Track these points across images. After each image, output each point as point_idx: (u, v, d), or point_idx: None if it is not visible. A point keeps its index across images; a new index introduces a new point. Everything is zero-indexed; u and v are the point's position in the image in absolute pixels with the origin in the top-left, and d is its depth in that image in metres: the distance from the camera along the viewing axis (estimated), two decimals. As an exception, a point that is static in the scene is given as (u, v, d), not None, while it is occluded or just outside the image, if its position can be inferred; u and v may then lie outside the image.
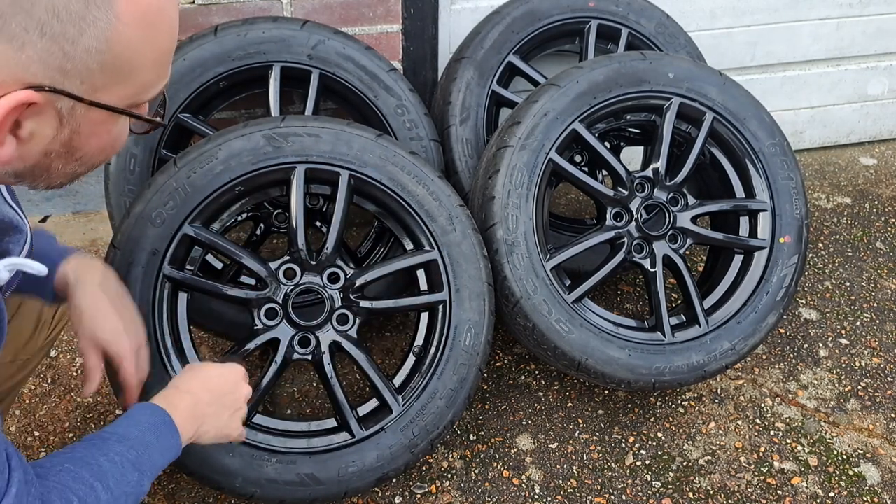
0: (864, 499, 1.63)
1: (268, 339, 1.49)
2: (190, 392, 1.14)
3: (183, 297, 1.51)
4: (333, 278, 1.54)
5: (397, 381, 1.56)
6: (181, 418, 1.09)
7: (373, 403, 1.55)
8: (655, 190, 1.75)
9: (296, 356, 1.51)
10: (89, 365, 1.21)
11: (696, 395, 1.85)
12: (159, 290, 1.45)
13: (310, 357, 1.51)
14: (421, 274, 1.60)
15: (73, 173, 0.85)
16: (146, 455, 1.01)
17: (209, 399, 1.16)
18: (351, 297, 1.53)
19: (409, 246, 1.60)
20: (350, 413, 1.50)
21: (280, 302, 1.50)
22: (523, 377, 1.87)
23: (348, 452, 1.47)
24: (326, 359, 1.50)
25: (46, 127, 0.76)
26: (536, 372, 1.88)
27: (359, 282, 1.53)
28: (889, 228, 2.38)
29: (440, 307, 1.56)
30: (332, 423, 1.52)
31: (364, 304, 1.54)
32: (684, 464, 1.69)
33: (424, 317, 1.60)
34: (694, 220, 1.76)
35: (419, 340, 1.59)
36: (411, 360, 1.58)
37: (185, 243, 1.48)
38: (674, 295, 2.07)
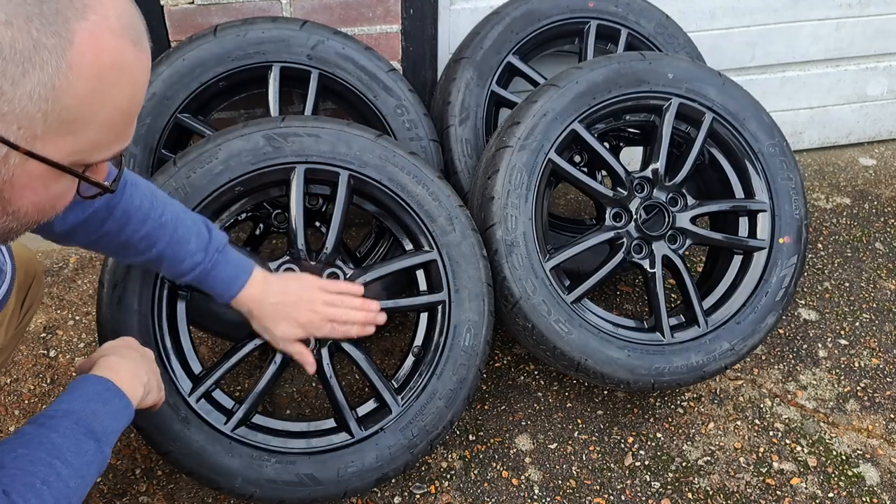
0: (864, 499, 1.63)
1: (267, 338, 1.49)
2: (121, 355, 1.15)
3: (182, 297, 1.51)
4: (333, 278, 1.54)
5: (397, 381, 1.56)
6: (124, 380, 1.09)
7: (372, 404, 1.55)
8: (655, 190, 1.75)
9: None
10: (299, 351, 1.40)
11: (695, 395, 1.85)
12: (159, 290, 1.45)
13: None
14: (420, 274, 1.60)
15: (5, 228, 0.76)
16: (97, 423, 1.00)
17: (139, 358, 1.17)
18: None
19: (409, 246, 1.60)
20: (349, 413, 1.50)
21: None
22: (522, 377, 1.87)
23: (348, 453, 1.47)
24: (325, 359, 1.50)
25: None
26: (536, 372, 1.88)
27: (358, 282, 1.54)
28: (888, 229, 2.39)
29: (439, 307, 1.56)
30: (331, 423, 1.52)
31: None
32: (683, 464, 1.69)
33: (424, 317, 1.60)
34: (693, 220, 1.76)
35: (418, 341, 1.59)
36: (410, 360, 1.58)
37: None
38: (673, 295, 2.07)
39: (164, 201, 1.25)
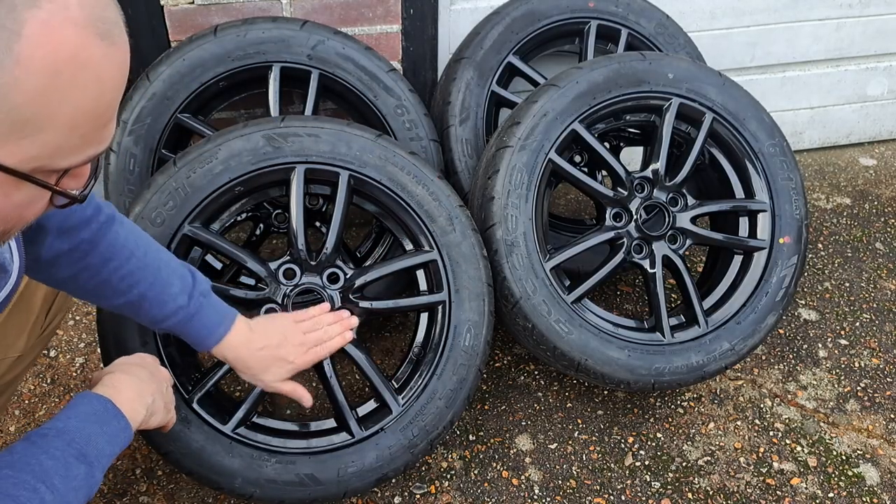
0: (864, 499, 1.63)
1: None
2: (128, 373, 1.10)
3: None
4: (333, 278, 1.54)
5: (397, 381, 1.56)
6: (125, 400, 1.05)
7: (372, 404, 1.55)
8: (655, 190, 1.75)
9: None
10: (291, 388, 1.38)
11: (695, 395, 1.85)
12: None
13: None
14: (420, 274, 1.60)
15: None
16: (91, 446, 0.96)
17: (147, 377, 1.13)
18: (350, 297, 1.53)
19: (409, 246, 1.60)
20: (349, 413, 1.50)
21: (279, 302, 1.50)
22: (523, 377, 1.87)
23: (348, 453, 1.47)
24: (326, 359, 1.50)
25: None
26: (536, 372, 1.88)
27: (358, 282, 1.53)
28: (889, 229, 2.39)
29: (440, 307, 1.56)
30: (331, 423, 1.52)
31: (363, 304, 1.54)
32: (683, 464, 1.69)
33: (424, 317, 1.60)
34: (693, 220, 1.76)
35: (419, 340, 1.59)
36: (411, 360, 1.58)
37: (185, 243, 1.48)
38: (673, 295, 2.07)
39: (149, 242, 1.22)
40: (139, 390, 1.09)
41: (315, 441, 1.48)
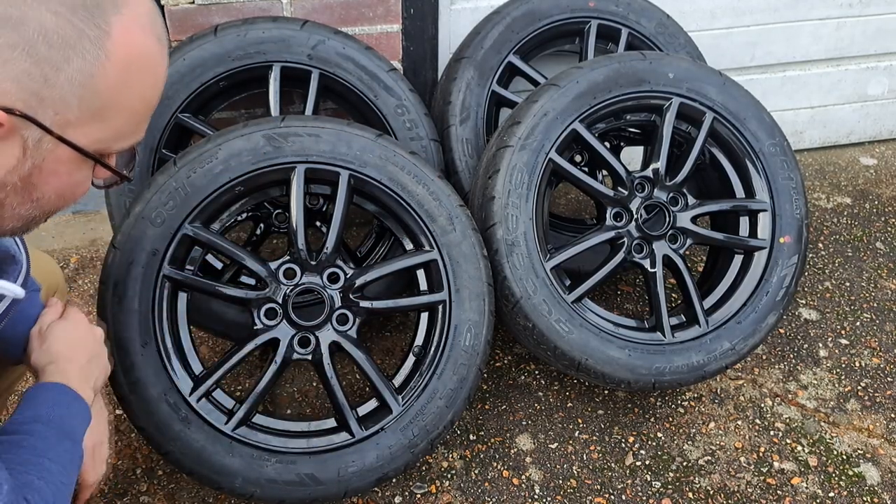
0: (864, 499, 1.63)
1: (268, 339, 1.49)
2: (68, 359, 1.12)
3: (183, 297, 1.51)
4: (333, 278, 1.54)
5: (397, 380, 1.56)
6: (75, 382, 1.08)
7: (373, 403, 1.55)
8: (655, 190, 1.75)
9: (295, 356, 1.51)
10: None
11: (695, 395, 1.85)
12: (159, 290, 1.45)
13: (310, 357, 1.51)
14: (421, 274, 1.60)
15: (28, 216, 0.80)
16: (66, 424, 1.01)
17: (86, 357, 1.14)
18: (351, 297, 1.53)
19: (409, 246, 1.60)
20: (350, 413, 1.50)
21: (280, 302, 1.50)
22: (523, 377, 1.87)
23: (348, 452, 1.47)
24: (326, 359, 1.50)
25: (8, 155, 0.72)
26: (536, 372, 1.88)
27: (359, 282, 1.53)
28: (889, 228, 2.39)
29: (440, 307, 1.56)
30: (331, 423, 1.52)
31: (364, 304, 1.54)
32: (684, 464, 1.69)
33: (424, 317, 1.60)
34: (694, 220, 1.76)
35: (419, 340, 1.59)
36: (411, 359, 1.58)
37: (185, 243, 1.48)
38: (674, 295, 2.07)
39: None
40: (82, 374, 1.11)
41: (315, 441, 1.48)
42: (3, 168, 0.73)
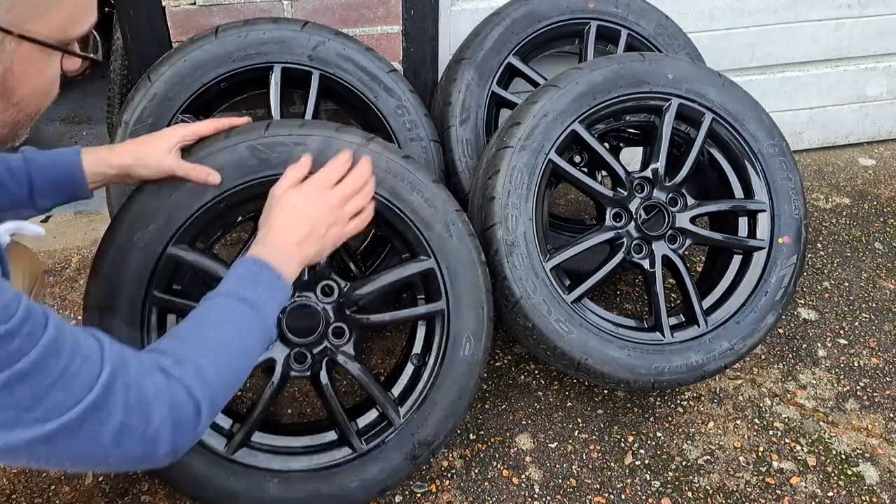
0: (863, 498, 1.64)
1: (263, 360, 1.46)
2: (281, 231, 1.18)
3: (172, 319, 1.47)
4: (327, 292, 1.50)
5: (397, 389, 1.54)
6: (279, 259, 1.13)
7: (373, 414, 1.53)
8: (655, 190, 1.75)
9: (293, 373, 1.48)
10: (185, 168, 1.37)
11: (695, 394, 1.85)
12: (147, 314, 1.41)
13: (308, 374, 1.49)
14: (419, 280, 1.57)
15: (14, 121, 0.83)
16: (248, 293, 1.07)
17: (307, 229, 1.20)
18: (347, 312, 1.50)
19: (405, 254, 1.56)
20: (349, 429, 1.48)
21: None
22: (523, 377, 1.88)
23: (350, 468, 1.46)
24: (323, 375, 1.48)
25: None
26: (536, 372, 1.89)
27: (354, 296, 1.50)
28: (888, 229, 2.39)
29: (438, 317, 1.53)
30: (332, 435, 1.51)
31: (360, 318, 1.51)
32: (683, 463, 1.70)
33: (422, 326, 1.58)
34: (693, 220, 1.77)
35: (417, 349, 1.56)
36: (410, 368, 1.56)
37: (171, 264, 1.42)
38: (673, 295, 2.07)
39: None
40: (294, 240, 1.18)
41: (317, 458, 1.46)
42: None
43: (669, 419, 1.79)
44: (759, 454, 1.72)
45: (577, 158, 1.95)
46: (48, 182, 1.25)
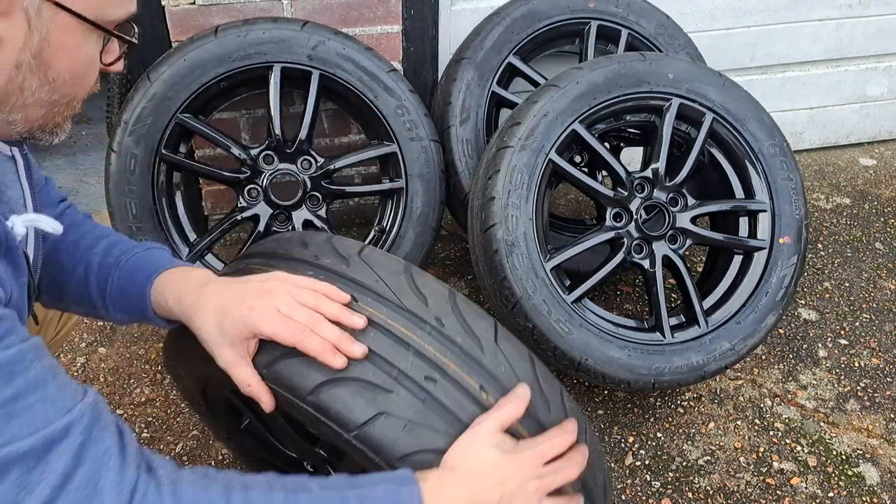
0: (864, 499, 1.64)
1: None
2: (467, 479, 0.85)
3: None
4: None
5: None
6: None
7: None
8: (655, 190, 1.75)
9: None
10: (248, 380, 0.91)
11: (695, 395, 1.85)
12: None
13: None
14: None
15: (49, 101, 0.81)
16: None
17: (489, 489, 0.86)
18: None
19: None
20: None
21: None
22: (523, 377, 1.87)
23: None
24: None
25: (16, 30, 0.74)
26: (536, 372, 1.88)
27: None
28: (888, 229, 2.39)
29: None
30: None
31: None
32: (684, 464, 1.69)
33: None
34: (693, 220, 1.77)
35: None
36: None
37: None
38: (673, 295, 2.07)
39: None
40: (471, 489, 0.84)
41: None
42: (15, 45, 0.74)
43: (670, 420, 1.79)
44: (760, 455, 1.72)
45: (578, 158, 1.95)
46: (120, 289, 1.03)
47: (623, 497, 1.62)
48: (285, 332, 0.88)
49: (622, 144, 2.03)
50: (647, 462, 1.69)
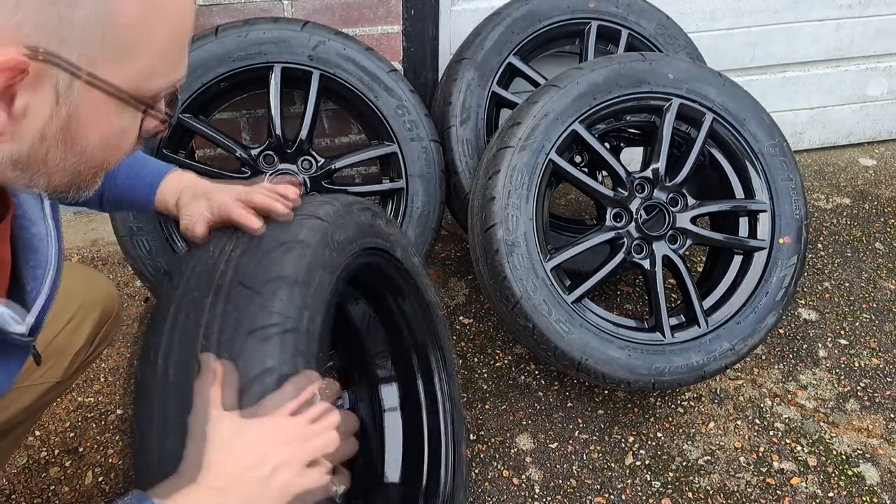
0: (864, 499, 1.64)
1: None
2: (218, 480, 0.83)
3: None
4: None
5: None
6: None
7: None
8: (655, 190, 1.75)
9: None
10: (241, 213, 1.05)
11: (695, 395, 1.85)
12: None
13: None
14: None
15: (75, 170, 0.76)
16: None
17: (247, 480, 0.84)
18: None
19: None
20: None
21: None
22: (523, 377, 1.87)
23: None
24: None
25: (42, 104, 0.69)
26: (536, 372, 1.89)
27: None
28: (888, 229, 2.39)
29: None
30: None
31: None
32: (684, 464, 1.70)
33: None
34: (693, 220, 1.77)
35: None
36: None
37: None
38: (673, 295, 2.07)
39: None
40: (228, 491, 0.82)
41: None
42: (42, 118, 0.70)
43: (670, 419, 1.79)
44: (760, 454, 1.72)
45: (578, 158, 1.95)
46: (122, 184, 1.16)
47: (623, 497, 1.62)
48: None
49: (622, 144, 2.03)
50: (647, 462, 1.70)
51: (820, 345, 2.00)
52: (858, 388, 1.88)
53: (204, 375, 0.88)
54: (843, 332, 2.03)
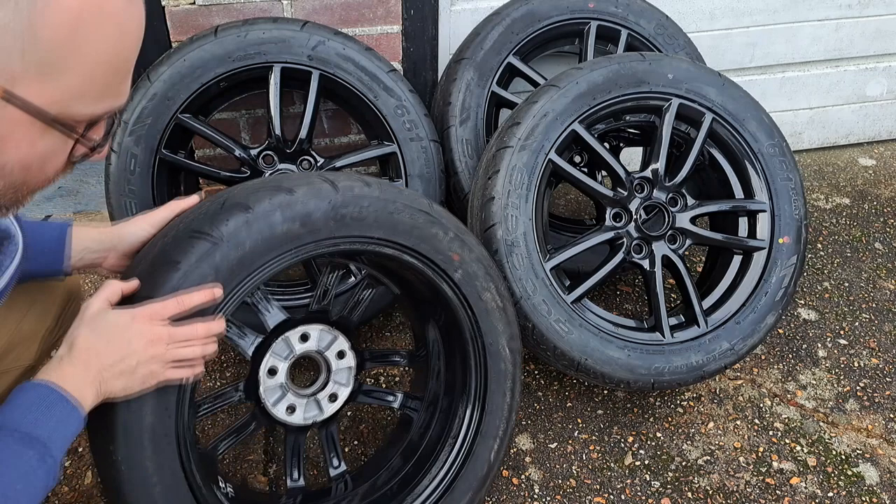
0: (863, 499, 1.64)
1: None
2: (83, 353, 0.99)
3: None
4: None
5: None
6: (74, 384, 0.97)
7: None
8: (655, 190, 1.75)
9: None
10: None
11: (695, 395, 1.85)
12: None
13: None
14: None
15: None
16: (38, 429, 0.91)
17: (113, 358, 1.01)
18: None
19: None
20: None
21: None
22: (523, 377, 1.87)
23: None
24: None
25: None
26: (536, 372, 1.89)
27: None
28: (888, 229, 2.39)
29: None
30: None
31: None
32: (683, 464, 1.70)
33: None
34: (693, 220, 1.77)
35: None
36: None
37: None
38: (673, 295, 2.07)
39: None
40: (99, 365, 0.99)
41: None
42: None
43: (669, 419, 1.79)
44: (759, 454, 1.72)
45: (577, 158, 1.95)
46: (31, 246, 1.11)
47: (623, 497, 1.62)
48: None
49: (622, 144, 2.03)
50: (646, 462, 1.70)
51: (819, 345, 2.00)
52: (858, 388, 1.88)
53: (113, 281, 1.08)
54: (842, 332, 2.03)
